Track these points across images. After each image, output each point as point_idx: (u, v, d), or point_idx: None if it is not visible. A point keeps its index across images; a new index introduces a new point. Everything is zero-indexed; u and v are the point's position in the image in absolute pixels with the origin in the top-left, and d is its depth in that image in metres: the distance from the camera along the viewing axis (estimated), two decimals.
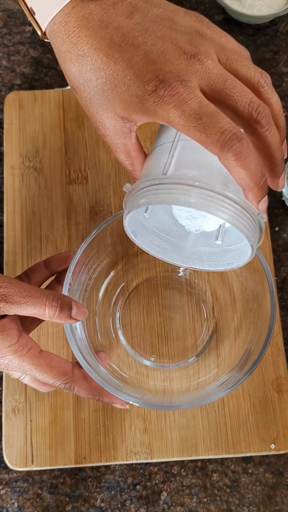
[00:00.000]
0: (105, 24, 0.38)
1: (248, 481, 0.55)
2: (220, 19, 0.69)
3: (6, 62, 0.68)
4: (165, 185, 0.38)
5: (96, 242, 0.53)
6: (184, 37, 0.37)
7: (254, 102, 0.36)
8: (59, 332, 0.57)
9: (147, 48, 0.37)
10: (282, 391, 0.55)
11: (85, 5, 0.38)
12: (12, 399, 0.55)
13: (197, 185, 0.37)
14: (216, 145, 0.34)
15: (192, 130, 0.34)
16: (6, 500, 0.54)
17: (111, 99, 0.38)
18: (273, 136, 0.37)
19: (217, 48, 0.38)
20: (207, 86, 0.36)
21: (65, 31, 0.38)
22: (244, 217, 0.38)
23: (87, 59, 0.38)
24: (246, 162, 0.34)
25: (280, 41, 0.69)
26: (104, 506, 0.54)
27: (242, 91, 0.36)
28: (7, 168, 0.62)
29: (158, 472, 0.55)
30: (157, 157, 0.40)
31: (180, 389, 0.54)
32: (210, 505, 0.54)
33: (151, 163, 0.41)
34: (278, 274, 0.60)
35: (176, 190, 0.37)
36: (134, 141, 0.40)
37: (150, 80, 0.35)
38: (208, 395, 0.49)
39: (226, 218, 0.37)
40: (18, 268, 0.59)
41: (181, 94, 0.35)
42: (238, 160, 0.34)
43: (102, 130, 0.40)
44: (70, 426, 0.54)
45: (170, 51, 0.36)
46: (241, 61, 0.38)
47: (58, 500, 0.54)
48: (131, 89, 0.36)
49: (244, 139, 0.34)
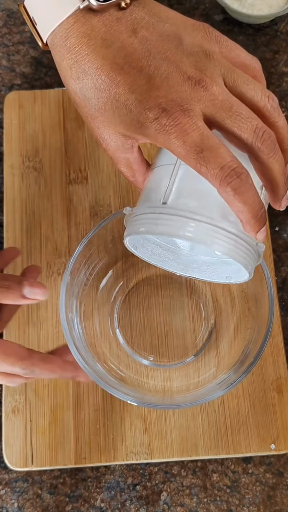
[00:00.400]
0: (107, 43, 0.36)
1: (248, 481, 0.55)
2: (220, 19, 0.69)
3: (6, 62, 0.68)
4: (164, 215, 0.38)
5: (95, 239, 0.53)
6: (190, 59, 0.36)
7: (259, 129, 0.35)
8: (59, 333, 0.57)
9: (150, 72, 0.36)
10: (282, 391, 0.55)
11: (87, 20, 0.37)
12: (12, 399, 0.55)
13: (196, 219, 0.38)
14: (215, 179, 0.34)
15: (192, 161, 0.34)
16: (6, 500, 0.54)
17: (112, 119, 0.37)
18: (277, 162, 0.36)
19: (224, 70, 0.37)
20: (210, 113, 0.35)
21: (65, 46, 0.37)
22: (242, 248, 0.39)
23: (88, 78, 0.37)
24: (244, 197, 0.34)
25: (280, 41, 0.69)
26: (104, 506, 0.54)
27: (247, 117, 0.35)
28: (7, 168, 0.62)
29: (158, 472, 0.55)
30: (158, 179, 0.41)
31: (179, 388, 0.54)
32: (210, 505, 0.54)
33: (152, 186, 0.41)
34: (278, 274, 0.60)
35: (175, 222, 0.38)
36: (136, 155, 0.40)
37: (152, 108, 0.35)
38: (207, 394, 0.49)
39: (223, 251, 0.38)
40: (18, 268, 0.59)
41: (183, 125, 0.34)
42: (236, 195, 0.34)
43: (103, 145, 0.40)
44: (70, 427, 0.54)
45: (175, 76, 0.35)
46: (247, 84, 0.37)
47: (58, 500, 0.54)
48: (132, 114, 0.36)
49: (243, 174, 0.34)
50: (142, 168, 0.41)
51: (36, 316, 0.57)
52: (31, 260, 0.59)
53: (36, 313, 0.57)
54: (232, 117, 0.35)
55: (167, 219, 0.39)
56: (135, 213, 0.41)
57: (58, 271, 0.59)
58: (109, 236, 0.55)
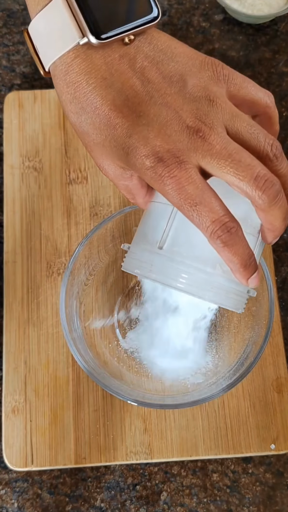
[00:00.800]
0: (108, 82, 0.35)
1: (248, 481, 0.55)
2: (220, 19, 0.69)
3: (6, 61, 0.68)
4: (159, 262, 0.40)
5: (95, 239, 0.53)
6: (191, 106, 0.35)
7: (260, 177, 0.34)
8: (59, 332, 0.57)
9: (149, 118, 0.35)
10: (282, 391, 0.55)
11: (88, 56, 0.36)
12: (12, 399, 0.55)
13: (189, 271, 0.40)
14: (206, 231, 0.35)
15: (185, 211, 0.35)
16: (6, 500, 0.54)
17: (110, 153, 0.37)
18: (278, 209, 0.36)
19: (227, 117, 0.36)
20: (207, 164, 0.35)
21: (65, 81, 0.36)
22: (233, 296, 0.41)
23: (87, 115, 0.36)
24: (233, 249, 0.35)
25: (280, 41, 0.69)
26: (104, 506, 0.54)
27: (247, 165, 0.34)
28: (6, 168, 0.62)
29: (158, 472, 0.55)
30: (156, 218, 0.42)
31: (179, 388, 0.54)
32: (210, 505, 0.54)
33: (150, 224, 0.43)
34: (278, 274, 0.60)
35: (168, 272, 0.40)
36: (135, 182, 0.40)
37: (149, 156, 0.34)
38: (207, 394, 0.49)
39: (213, 301, 0.40)
40: (18, 268, 0.59)
41: (178, 178, 0.34)
42: (225, 247, 0.35)
43: (103, 172, 0.40)
44: (70, 426, 0.54)
45: (174, 124, 0.35)
46: (250, 131, 0.36)
47: (58, 500, 0.54)
48: (129, 157, 0.36)
49: (234, 228, 0.34)
50: (142, 192, 0.41)
51: (36, 316, 0.57)
52: (31, 260, 0.59)
53: (36, 313, 0.57)
54: (230, 166, 0.34)
55: (161, 267, 0.41)
56: (132, 252, 0.43)
57: (58, 271, 0.59)
58: (109, 236, 0.55)
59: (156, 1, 0.37)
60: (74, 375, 0.56)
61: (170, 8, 0.70)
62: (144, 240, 0.42)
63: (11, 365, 0.56)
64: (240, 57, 0.68)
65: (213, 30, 0.69)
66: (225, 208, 0.35)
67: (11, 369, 0.56)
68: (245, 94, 0.38)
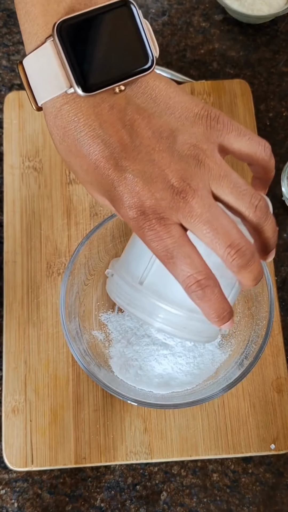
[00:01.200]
0: (96, 133, 0.35)
1: (248, 481, 0.55)
2: (220, 19, 0.69)
3: (6, 62, 0.68)
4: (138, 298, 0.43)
5: (95, 239, 0.53)
6: (177, 166, 0.35)
7: (231, 248, 0.35)
8: (59, 332, 0.57)
9: (134, 173, 0.35)
10: (282, 391, 0.55)
11: (77, 104, 0.35)
12: (12, 399, 0.55)
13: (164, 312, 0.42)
14: (182, 283, 0.35)
15: (163, 262, 0.36)
16: (6, 500, 0.54)
17: (97, 191, 0.37)
18: (249, 273, 0.36)
19: (213, 178, 0.35)
20: (186, 223, 0.35)
21: (55, 124, 0.36)
22: (206, 334, 0.44)
23: (75, 158, 0.36)
24: (208, 304, 0.36)
25: (280, 41, 0.69)
26: (104, 506, 0.54)
27: (222, 233, 0.35)
28: (6, 168, 0.62)
29: (158, 472, 0.55)
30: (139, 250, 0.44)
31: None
32: (210, 505, 0.54)
33: (134, 254, 0.45)
34: (278, 274, 0.60)
35: (146, 308, 0.43)
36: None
37: (132, 208, 0.35)
38: (207, 394, 0.49)
39: (188, 339, 0.45)
40: (18, 268, 0.59)
41: (158, 232, 0.35)
42: (200, 301, 0.36)
43: (93, 197, 0.40)
44: (70, 426, 0.54)
45: (158, 181, 0.35)
46: (234, 193, 0.36)
47: (58, 500, 0.54)
48: (114, 204, 0.36)
49: (208, 287, 0.35)
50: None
51: (36, 316, 0.57)
52: (31, 260, 0.59)
53: (36, 313, 0.57)
54: (207, 230, 0.35)
55: (140, 303, 0.43)
56: (116, 278, 0.46)
57: (58, 271, 0.59)
58: (109, 236, 0.55)
59: (152, 46, 0.36)
60: (74, 375, 0.56)
61: (170, 8, 0.70)
62: (127, 270, 0.44)
63: (11, 365, 0.56)
64: (240, 57, 0.68)
65: (213, 30, 0.69)
66: (202, 264, 0.35)
67: (11, 369, 0.56)
68: (239, 147, 0.38)
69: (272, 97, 0.67)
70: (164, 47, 0.68)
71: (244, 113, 0.64)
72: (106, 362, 0.54)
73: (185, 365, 0.52)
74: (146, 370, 0.52)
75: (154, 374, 0.52)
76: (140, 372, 0.52)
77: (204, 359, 0.53)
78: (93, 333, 0.55)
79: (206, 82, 0.65)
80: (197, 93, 0.64)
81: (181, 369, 0.52)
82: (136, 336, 0.53)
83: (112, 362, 0.53)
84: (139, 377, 0.52)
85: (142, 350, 0.53)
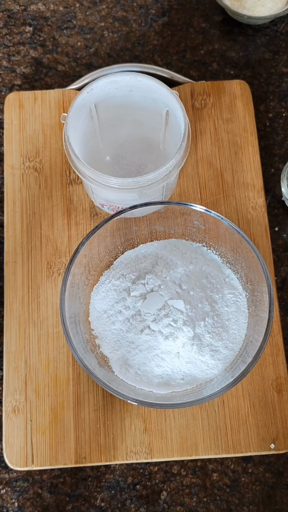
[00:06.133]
0: None
1: (248, 481, 0.55)
2: (220, 20, 0.70)
3: (6, 62, 0.68)
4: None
5: (95, 239, 0.53)
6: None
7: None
8: (59, 333, 0.57)
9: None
10: (282, 391, 0.55)
11: None
12: (12, 399, 0.55)
13: None
14: None
15: None
16: (6, 499, 0.54)
17: None
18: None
19: None
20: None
21: None
22: None
23: None
24: None
25: (280, 42, 0.69)
26: (104, 505, 0.54)
27: None
28: (7, 168, 0.62)
29: (158, 471, 0.55)
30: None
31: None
32: (210, 504, 0.54)
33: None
34: (278, 274, 0.61)
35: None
36: None
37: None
38: (207, 394, 0.49)
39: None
40: (18, 268, 0.59)
41: None
42: None
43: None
44: (70, 426, 0.54)
45: None
46: None
47: (58, 500, 0.54)
48: None
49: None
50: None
51: (36, 315, 0.57)
52: (31, 260, 0.59)
53: (36, 312, 0.57)
54: None
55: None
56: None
57: (58, 271, 0.59)
58: (109, 236, 0.55)
59: None
60: (74, 375, 0.56)
61: (170, 8, 0.70)
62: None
63: (12, 364, 0.56)
64: (240, 58, 0.68)
65: (213, 30, 0.69)
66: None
67: (12, 368, 0.56)
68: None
69: (272, 97, 0.67)
70: (164, 47, 0.68)
71: (244, 113, 0.64)
72: (106, 362, 0.54)
73: (184, 365, 0.52)
74: (146, 370, 0.52)
75: (154, 374, 0.52)
76: (140, 372, 0.52)
77: (204, 358, 0.53)
78: (93, 333, 0.55)
79: (206, 82, 0.65)
80: (197, 93, 0.64)
81: (180, 369, 0.52)
82: (136, 336, 0.53)
83: (112, 362, 0.54)
84: (139, 377, 0.52)
85: (142, 350, 0.53)
